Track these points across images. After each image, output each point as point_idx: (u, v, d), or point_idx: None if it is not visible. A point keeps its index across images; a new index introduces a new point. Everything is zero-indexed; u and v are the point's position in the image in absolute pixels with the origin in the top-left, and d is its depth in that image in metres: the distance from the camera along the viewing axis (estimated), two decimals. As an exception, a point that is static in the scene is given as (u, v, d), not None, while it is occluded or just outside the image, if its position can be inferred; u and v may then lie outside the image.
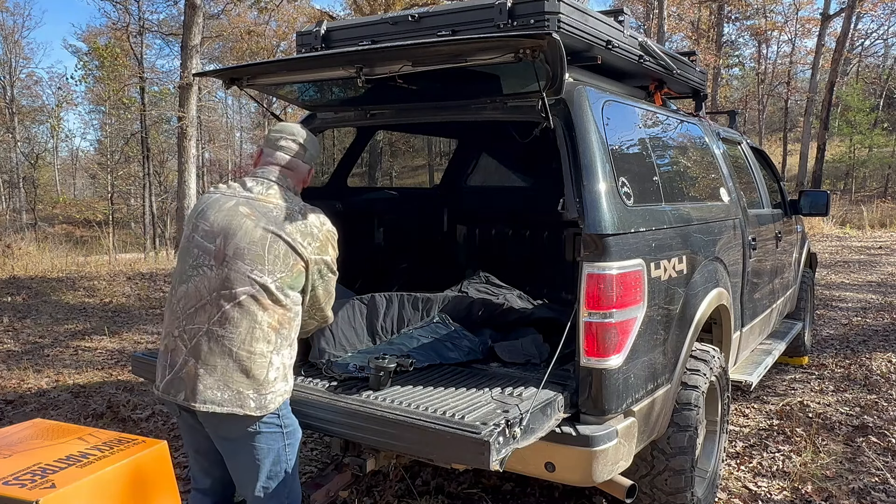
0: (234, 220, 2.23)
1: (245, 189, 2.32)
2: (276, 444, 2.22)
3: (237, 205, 2.26)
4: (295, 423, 2.31)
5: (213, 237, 2.23)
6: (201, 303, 2.18)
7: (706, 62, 25.21)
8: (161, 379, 2.26)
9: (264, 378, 2.16)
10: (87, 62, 24.21)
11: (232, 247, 2.19)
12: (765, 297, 4.34)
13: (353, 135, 4.35)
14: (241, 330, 2.14)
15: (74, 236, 22.79)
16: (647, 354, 2.56)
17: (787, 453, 3.92)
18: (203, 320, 2.17)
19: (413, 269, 4.55)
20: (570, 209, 2.42)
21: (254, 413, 2.14)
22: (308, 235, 2.26)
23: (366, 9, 17.82)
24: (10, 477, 1.80)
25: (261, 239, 2.19)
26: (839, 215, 19.46)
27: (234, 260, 2.18)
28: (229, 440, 2.22)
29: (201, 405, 2.13)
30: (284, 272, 2.20)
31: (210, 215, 2.27)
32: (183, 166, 13.54)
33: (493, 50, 2.33)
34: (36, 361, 5.97)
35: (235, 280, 2.16)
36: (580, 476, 2.37)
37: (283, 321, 2.22)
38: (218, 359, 2.14)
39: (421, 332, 3.18)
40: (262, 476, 2.23)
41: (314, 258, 2.27)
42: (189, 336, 2.18)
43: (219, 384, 2.13)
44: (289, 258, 2.21)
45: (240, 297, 2.15)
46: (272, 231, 2.20)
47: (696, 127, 3.81)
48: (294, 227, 2.24)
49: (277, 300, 2.19)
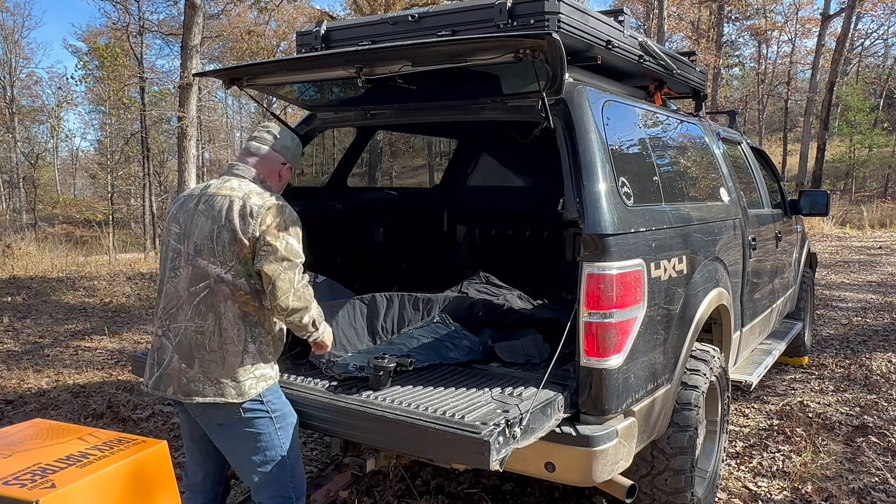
0: (193, 219, 2.31)
1: (206, 186, 2.39)
2: (265, 429, 2.29)
3: (196, 203, 2.34)
4: (285, 408, 2.36)
5: (180, 238, 2.33)
6: (179, 302, 2.29)
7: (706, 62, 25.21)
8: (150, 376, 2.36)
9: (239, 366, 2.24)
10: (87, 62, 24.18)
11: (192, 244, 2.29)
12: (765, 297, 4.34)
13: (353, 135, 4.35)
14: (209, 322, 2.24)
15: (74, 236, 22.76)
16: (647, 354, 2.56)
17: (787, 453, 3.92)
18: (182, 318, 2.28)
19: (413, 269, 4.55)
20: (570, 209, 2.42)
21: (235, 400, 2.23)
22: (247, 216, 2.23)
23: (366, 9, 17.82)
24: (10, 477, 1.80)
25: (210, 231, 2.26)
26: (839, 215, 19.46)
27: (194, 257, 2.28)
28: (220, 428, 2.30)
29: (186, 398, 2.25)
30: (234, 260, 2.24)
31: (179, 217, 2.37)
32: (183, 166, 13.52)
33: (493, 50, 2.34)
34: (36, 361, 5.97)
35: (197, 276, 2.26)
36: (580, 476, 2.36)
37: (249, 309, 2.27)
38: (195, 352, 2.25)
39: (421, 332, 3.17)
40: (257, 461, 2.30)
41: (253, 237, 2.23)
42: (173, 334, 2.30)
43: (199, 376, 2.24)
44: (234, 245, 2.23)
45: (202, 292, 2.25)
46: (218, 221, 2.25)
47: (696, 127, 3.81)
48: (235, 211, 2.25)
49: (236, 288, 2.24)
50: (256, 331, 2.29)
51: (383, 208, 4.55)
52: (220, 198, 2.30)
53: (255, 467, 2.30)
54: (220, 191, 2.33)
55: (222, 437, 2.32)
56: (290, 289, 2.26)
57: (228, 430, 2.29)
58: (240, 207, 2.25)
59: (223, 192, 2.31)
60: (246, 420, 2.26)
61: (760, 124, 35.38)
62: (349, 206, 4.19)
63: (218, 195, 2.31)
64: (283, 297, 2.24)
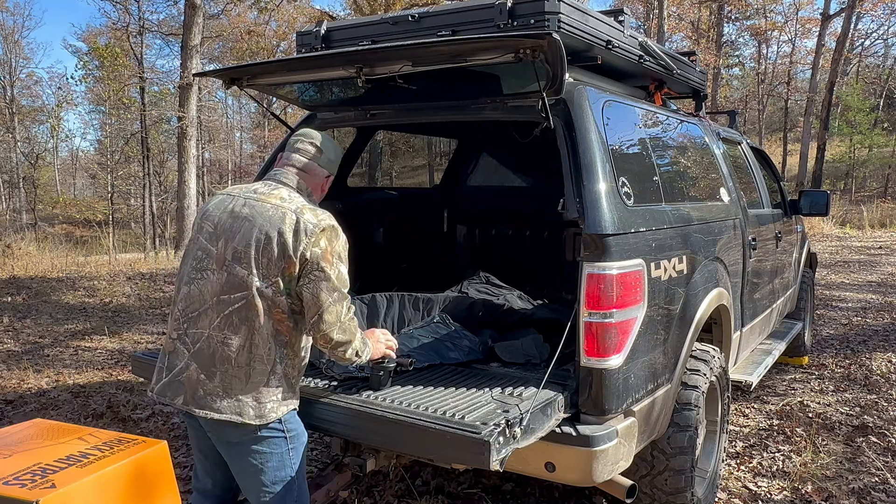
0: (235, 223, 2.17)
1: (251, 190, 2.26)
2: (278, 449, 2.18)
3: (240, 206, 2.20)
4: (299, 428, 2.26)
5: (215, 239, 2.19)
6: (204, 307, 2.15)
7: (706, 62, 25.21)
8: (157, 381, 2.24)
9: (264, 386, 2.12)
10: (87, 62, 24.20)
11: (230, 249, 2.14)
12: (765, 297, 4.34)
13: (353, 135, 4.35)
14: (240, 336, 2.10)
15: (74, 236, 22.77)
16: (647, 354, 2.56)
17: (787, 453, 3.92)
18: (205, 325, 2.14)
19: (413, 269, 4.55)
20: (570, 209, 2.42)
21: (252, 422, 2.10)
22: (300, 233, 2.11)
23: (366, 9, 17.83)
24: (10, 477, 1.80)
25: (256, 241, 2.12)
26: (839, 215, 19.47)
27: (232, 263, 2.13)
28: (230, 445, 2.20)
29: (200, 411, 2.12)
30: (278, 276, 2.10)
31: (214, 217, 2.23)
32: (183, 166, 13.54)
33: (493, 50, 2.33)
34: (36, 361, 5.97)
35: (234, 284, 2.12)
36: (580, 476, 2.36)
37: (282, 328, 2.14)
38: (218, 365, 2.11)
39: (421, 332, 3.17)
40: (266, 481, 2.20)
41: (308, 255, 2.10)
42: (192, 340, 2.16)
43: (218, 391, 2.11)
44: (281, 261, 2.10)
45: (237, 302, 2.11)
46: (266, 232, 2.12)
47: (696, 127, 3.81)
48: (287, 226, 2.11)
49: (275, 305, 2.11)
50: (285, 352, 2.16)
51: (383, 208, 4.55)
52: (270, 206, 2.16)
53: (261, 486, 2.20)
54: (270, 198, 2.19)
55: (231, 455, 2.22)
56: (337, 322, 2.15)
57: (239, 447, 2.18)
58: (293, 222, 2.11)
59: (273, 201, 2.17)
60: (260, 439, 2.15)
61: (760, 124, 35.39)
62: (349, 206, 4.18)
63: (267, 202, 2.17)
64: (328, 330, 2.14)
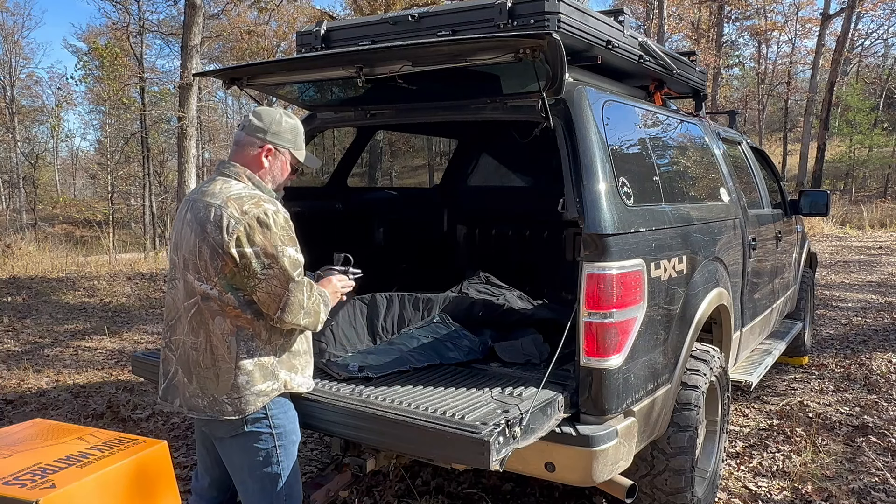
0: (184, 229, 2.17)
1: (198, 191, 2.22)
2: (264, 445, 2.21)
3: (186, 212, 2.19)
4: (289, 426, 2.26)
5: (176, 249, 2.22)
6: (178, 315, 2.22)
7: (706, 62, 25.20)
8: (159, 386, 2.35)
9: (233, 383, 2.13)
10: (87, 62, 24.18)
11: (182, 258, 2.17)
12: (765, 297, 4.34)
13: (353, 135, 4.35)
14: (201, 339, 2.15)
15: (74, 236, 22.76)
16: (647, 354, 2.56)
17: (787, 453, 3.91)
18: (181, 332, 2.21)
19: (413, 269, 4.55)
20: (570, 209, 2.42)
21: (232, 417, 2.14)
22: (223, 229, 2.04)
23: (366, 9, 17.83)
24: (10, 477, 1.80)
25: (194, 245, 2.11)
26: (839, 215, 19.46)
27: (184, 271, 2.16)
28: (222, 441, 2.26)
29: (189, 411, 2.22)
30: (216, 276, 2.08)
31: (176, 226, 2.26)
32: (183, 166, 13.53)
33: (493, 50, 2.34)
34: (36, 361, 5.97)
35: (188, 291, 2.16)
36: (580, 476, 2.36)
37: (242, 323, 2.12)
38: (192, 368, 2.18)
39: (421, 331, 3.18)
40: (254, 476, 2.23)
41: (237, 252, 2.04)
42: (175, 347, 2.24)
43: (197, 392, 2.18)
44: (215, 260, 2.06)
45: (192, 308, 2.15)
46: (199, 234, 2.09)
47: (696, 127, 3.81)
48: (212, 223, 2.05)
49: (224, 304, 2.10)
50: (253, 344, 2.14)
51: (383, 208, 4.55)
52: (202, 205, 2.11)
53: (249, 482, 2.24)
54: (203, 196, 2.14)
55: (223, 449, 2.28)
56: (301, 310, 2.12)
57: (228, 442, 2.23)
58: (218, 218, 2.05)
59: (206, 199, 2.12)
60: (247, 434, 2.18)
61: (760, 124, 35.38)
62: (349, 205, 4.19)
63: (200, 201, 2.13)
64: (294, 320, 2.12)
